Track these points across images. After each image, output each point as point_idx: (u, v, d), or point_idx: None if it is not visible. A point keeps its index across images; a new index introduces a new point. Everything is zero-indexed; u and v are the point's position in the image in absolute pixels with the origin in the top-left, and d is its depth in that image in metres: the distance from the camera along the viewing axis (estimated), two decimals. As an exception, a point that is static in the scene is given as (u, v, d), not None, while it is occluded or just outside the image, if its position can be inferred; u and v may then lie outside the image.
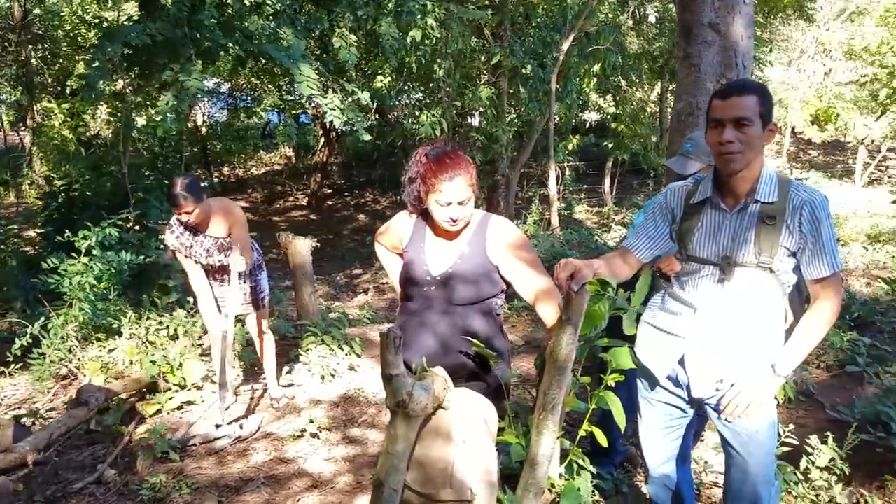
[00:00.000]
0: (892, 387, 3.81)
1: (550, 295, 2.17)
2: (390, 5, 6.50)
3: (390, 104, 10.51)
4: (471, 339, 2.22)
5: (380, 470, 1.85)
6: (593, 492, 2.51)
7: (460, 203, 2.21)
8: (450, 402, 1.92)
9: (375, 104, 9.76)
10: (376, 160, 20.00)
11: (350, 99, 6.35)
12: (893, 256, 8.03)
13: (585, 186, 17.41)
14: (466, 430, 1.93)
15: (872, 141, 18.67)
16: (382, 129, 12.18)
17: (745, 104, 1.92)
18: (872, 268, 7.93)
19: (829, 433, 3.19)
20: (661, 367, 2.24)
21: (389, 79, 8.46)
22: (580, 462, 2.23)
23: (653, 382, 2.30)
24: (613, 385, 2.06)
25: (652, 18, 12.90)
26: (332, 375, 4.74)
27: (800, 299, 2.22)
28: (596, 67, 11.88)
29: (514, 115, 12.12)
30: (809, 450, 3.02)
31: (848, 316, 5.25)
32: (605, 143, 15.63)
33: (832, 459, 3.00)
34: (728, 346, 2.08)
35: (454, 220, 2.24)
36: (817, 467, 2.98)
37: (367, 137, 6.50)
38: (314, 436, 3.97)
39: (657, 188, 15.84)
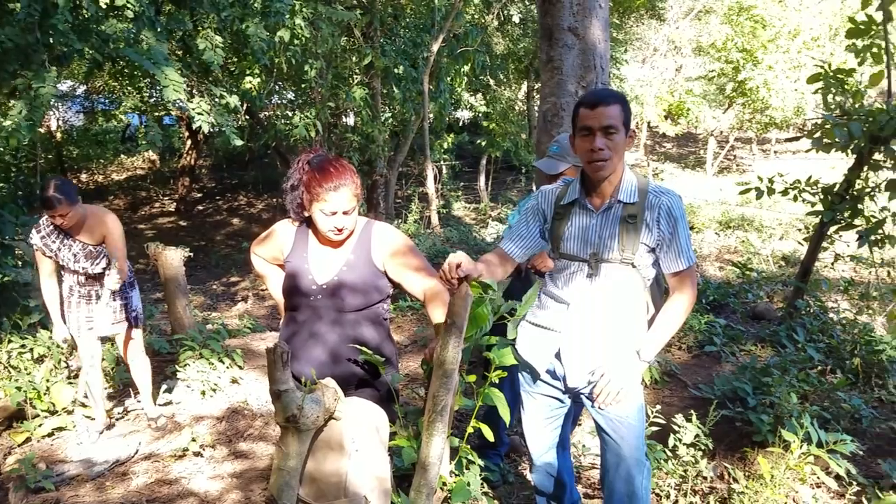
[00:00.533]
0: (745, 364, 4.17)
1: (439, 297, 2.22)
2: (257, 5, 6.33)
3: (260, 105, 10.24)
4: (360, 347, 2.23)
5: (272, 487, 1.83)
6: (482, 484, 2.60)
7: (345, 213, 2.19)
8: (341, 413, 1.93)
9: (245, 106, 9.47)
10: (249, 161, 19.37)
11: (218, 102, 6.13)
12: (742, 241, 8.77)
13: (462, 184, 17.75)
14: (359, 439, 1.95)
15: (721, 132, 20.29)
16: (254, 130, 11.86)
17: (612, 113, 2.06)
18: (724, 252, 8.65)
19: (692, 411, 3.46)
20: (540, 362, 2.35)
21: (259, 80, 8.24)
22: (469, 458, 2.30)
23: (534, 376, 2.41)
24: (498, 381, 2.14)
25: (516, 19, 13.35)
26: (214, 390, 4.59)
27: (659, 291, 2.40)
28: (466, 67, 12.15)
29: (390, 115, 12.16)
30: (676, 428, 3.25)
31: (704, 300, 5.68)
32: (479, 141, 16.03)
33: (697, 436, 3.24)
34: (598, 337, 2.22)
35: (339, 230, 2.22)
36: (684, 444, 3.20)
37: (239, 142, 6.31)
38: (198, 454, 3.83)
39: (529, 184, 16.45)
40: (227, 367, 4.82)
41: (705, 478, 3.14)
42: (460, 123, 21.34)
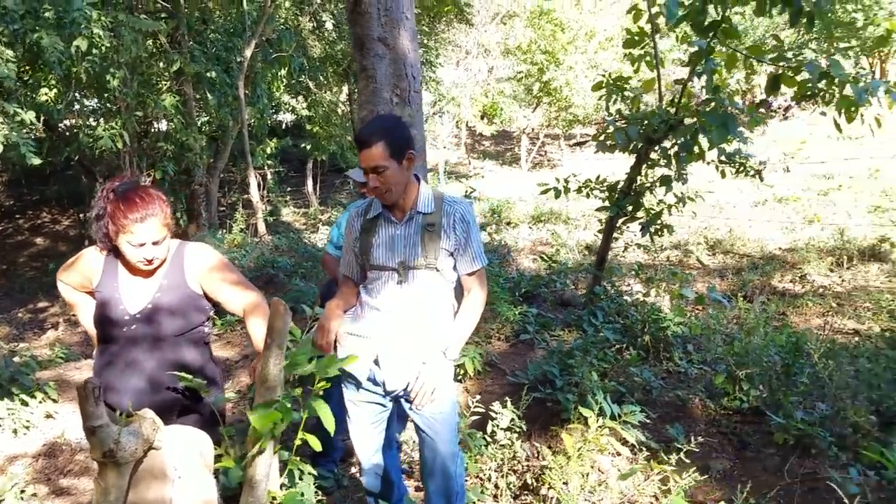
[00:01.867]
0: (554, 349, 4.58)
1: (258, 310, 2.28)
2: (49, 16, 5.87)
3: (58, 118, 9.45)
4: (179, 373, 2.22)
5: (93, 526, 1.81)
6: (316, 492, 2.69)
7: (155, 243, 2.16)
8: (161, 441, 1.94)
9: (42, 119, 8.71)
10: (51, 175, 17.67)
11: (12, 119, 5.63)
12: (552, 232, 9.50)
13: (290, 189, 17.47)
14: (181, 466, 1.97)
15: (532, 129, 21.62)
16: (54, 143, 10.90)
17: (375, 154, 2.23)
18: (538, 245, 9.33)
19: (508, 397, 3.77)
20: (360, 370, 2.49)
21: (55, 91, 7.61)
22: (300, 468, 2.38)
23: (356, 385, 2.54)
24: (322, 393, 2.24)
25: (329, 25, 13.39)
26: (27, 427, 4.26)
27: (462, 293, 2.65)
28: (283, 71, 12.01)
29: (206, 121, 11.72)
30: (493, 415, 3.54)
31: (517, 292, 6.11)
32: (303, 144, 15.86)
33: (512, 420, 3.54)
34: (411, 340, 2.40)
35: (149, 261, 2.20)
36: (501, 429, 3.49)
37: (37, 161, 5.84)
38: (18, 496, 3.56)
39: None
40: (40, 402, 4.49)
41: (520, 458, 3.45)
42: (283, 127, 20.96)
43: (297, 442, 2.29)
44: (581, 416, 3.39)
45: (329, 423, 2.24)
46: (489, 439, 3.47)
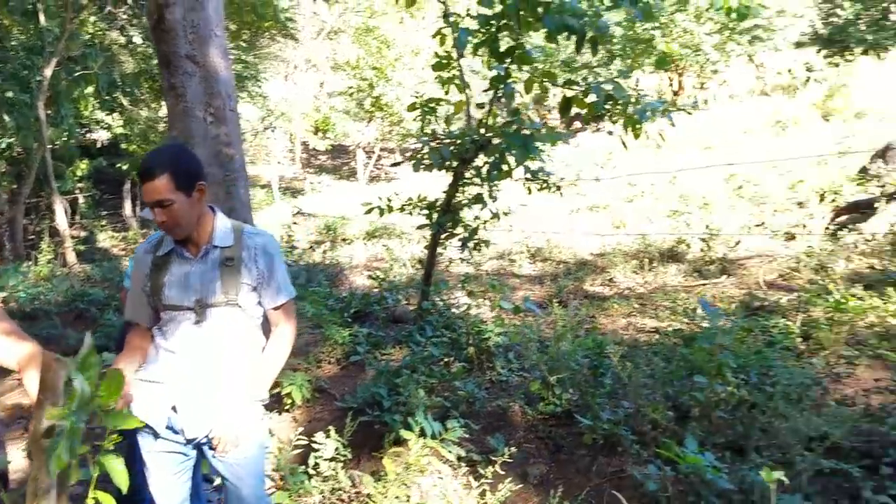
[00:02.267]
0: (382, 369, 4.58)
1: (33, 363, 2.07)
2: None
3: None
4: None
5: None
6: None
7: None
8: None
9: None
10: None
11: None
12: (385, 247, 9.55)
13: (106, 213, 16.20)
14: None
15: (368, 143, 21.69)
16: None
17: (159, 187, 2.10)
18: (373, 261, 9.34)
19: (337, 423, 3.70)
20: (157, 419, 2.32)
21: None
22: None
23: (153, 434, 2.37)
24: (114, 447, 2.07)
25: (138, 39, 12.62)
26: None
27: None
28: (90, 89, 11.14)
29: (6, 145, 10.60)
30: (316, 446, 3.45)
31: (348, 312, 6.07)
32: (120, 164, 14.78)
33: (337, 448, 3.48)
34: (212, 383, 2.27)
35: None
36: (325, 459, 3.42)
37: None
38: None
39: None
40: None
41: (345, 488, 3.40)
42: (98, 146, 19.43)
43: (89, 501, 2.11)
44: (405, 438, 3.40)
45: (120, 480, 2.07)
46: (312, 472, 3.39)
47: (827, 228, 7.28)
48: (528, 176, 4.84)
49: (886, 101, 12.55)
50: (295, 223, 7.81)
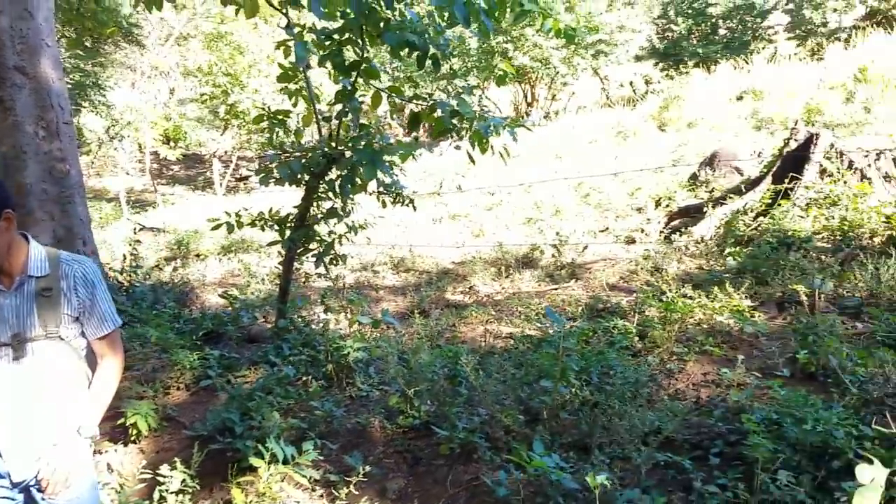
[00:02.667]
0: (234, 393, 4.39)
1: None
2: None
3: None
4: None
5: None
6: None
7: None
8: None
9: None
10: None
11: None
12: (241, 262, 9.22)
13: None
14: None
15: (225, 152, 20.89)
16: None
17: None
18: (228, 277, 8.98)
19: (186, 453, 3.51)
20: (-23, 464, 2.13)
21: None
22: None
23: (-24, 482, 2.16)
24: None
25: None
26: None
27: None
28: None
29: None
30: (161, 479, 3.26)
31: (198, 334, 5.79)
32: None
33: (184, 480, 3.30)
34: (37, 422, 2.11)
35: None
36: (171, 493, 3.23)
37: None
38: None
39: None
40: None
41: (195, 522, 3.23)
42: None
43: None
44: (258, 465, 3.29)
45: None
46: (157, 505, 3.19)
47: (662, 232, 7.87)
48: (381, 189, 4.85)
49: (715, 112, 13.78)
50: (139, 241, 7.33)
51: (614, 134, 14.65)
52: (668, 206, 8.89)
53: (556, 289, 6.88)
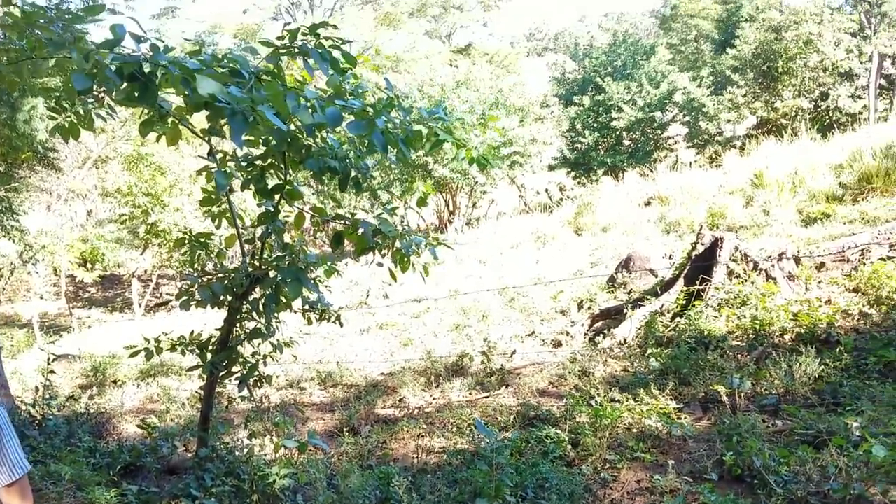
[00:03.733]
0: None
1: None
2: None
3: None
4: None
5: None
6: None
7: None
8: None
9: None
10: None
11: None
12: (161, 387, 8.81)
13: None
14: None
15: (145, 272, 20.31)
16: None
17: None
18: (147, 403, 8.53)
19: None
20: None
21: None
22: None
23: None
24: None
25: None
26: None
27: None
28: None
29: None
30: None
31: (113, 470, 5.45)
32: None
33: None
34: None
35: None
36: None
37: None
38: None
39: None
40: None
41: None
42: None
43: None
44: None
45: None
46: None
47: (586, 335, 8.04)
48: (307, 307, 4.82)
49: (626, 217, 14.53)
50: (52, 371, 6.95)
51: (534, 239, 15.15)
52: (590, 308, 9.14)
53: (486, 396, 6.85)
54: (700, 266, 7.55)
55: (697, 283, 7.34)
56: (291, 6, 38.16)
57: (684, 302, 7.25)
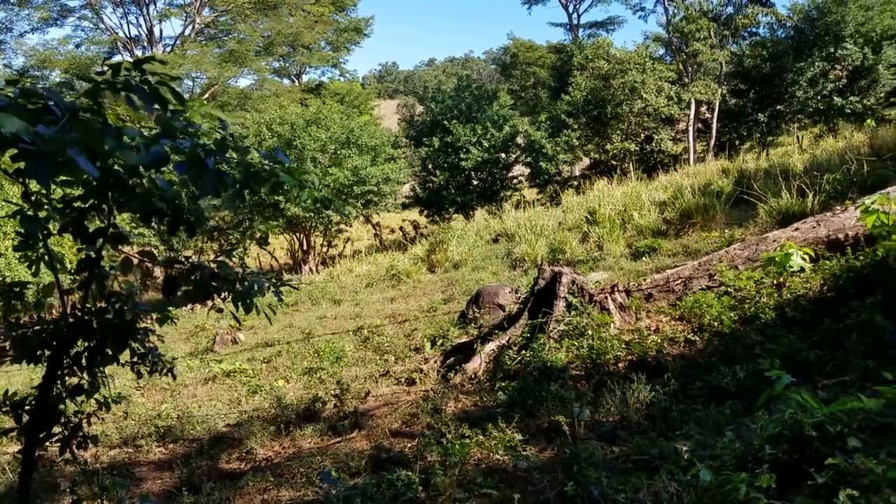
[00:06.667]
0: None
1: None
2: None
3: None
4: None
5: None
6: None
7: None
8: None
9: None
10: None
11: None
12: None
13: None
14: None
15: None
16: None
17: None
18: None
19: None
20: None
21: None
22: None
23: None
24: None
25: None
26: None
27: None
28: None
29: None
30: None
31: None
32: None
33: None
34: None
35: None
36: None
37: None
38: None
39: None
40: None
41: None
42: None
43: None
44: None
45: None
46: None
47: (439, 371, 8.12)
48: (136, 360, 4.48)
49: (476, 253, 14.98)
50: None
51: (389, 277, 15.19)
52: (442, 344, 9.24)
53: (339, 441, 6.68)
54: (543, 299, 7.90)
55: (540, 315, 7.65)
56: (129, 41, 36.23)
57: (529, 335, 7.53)
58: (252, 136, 20.99)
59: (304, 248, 21.91)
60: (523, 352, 7.33)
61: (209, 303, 4.63)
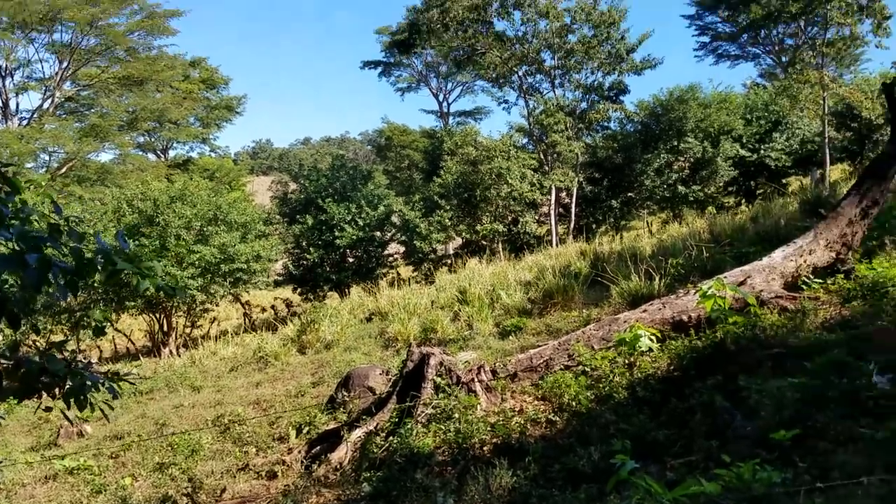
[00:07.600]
0: None
1: None
2: None
3: None
4: None
5: None
6: None
7: None
8: None
9: None
10: None
11: None
12: None
13: None
14: None
15: None
16: None
17: None
18: None
19: None
20: None
21: None
22: None
23: None
24: None
25: None
26: None
27: None
28: None
29: None
30: None
31: None
32: None
33: None
34: None
35: None
36: None
37: None
38: None
39: None
40: None
41: None
42: None
43: None
44: None
45: None
46: None
47: (303, 462, 7.75)
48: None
49: (349, 333, 14.74)
50: None
51: (256, 359, 14.58)
52: (308, 432, 8.88)
53: (189, 547, 6.16)
54: (412, 381, 7.83)
55: (408, 399, 7.56)
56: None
57: (397, 419, 7.40)
58: (111, 212, 19.91)
59: (165, 329, 20.65)
60: (391, 438, 7.18)
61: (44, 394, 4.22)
